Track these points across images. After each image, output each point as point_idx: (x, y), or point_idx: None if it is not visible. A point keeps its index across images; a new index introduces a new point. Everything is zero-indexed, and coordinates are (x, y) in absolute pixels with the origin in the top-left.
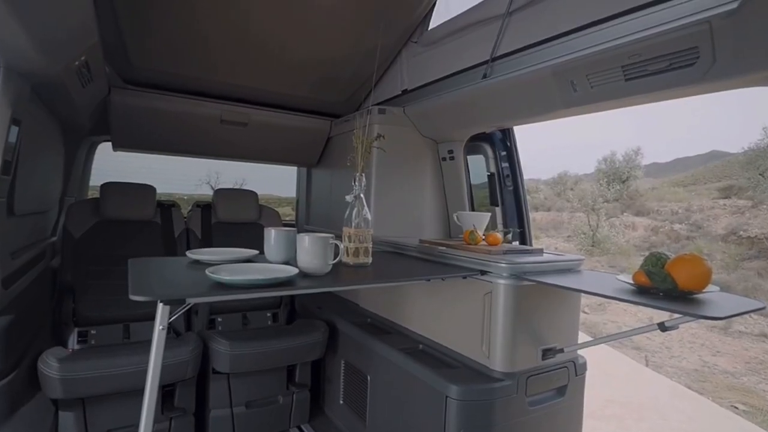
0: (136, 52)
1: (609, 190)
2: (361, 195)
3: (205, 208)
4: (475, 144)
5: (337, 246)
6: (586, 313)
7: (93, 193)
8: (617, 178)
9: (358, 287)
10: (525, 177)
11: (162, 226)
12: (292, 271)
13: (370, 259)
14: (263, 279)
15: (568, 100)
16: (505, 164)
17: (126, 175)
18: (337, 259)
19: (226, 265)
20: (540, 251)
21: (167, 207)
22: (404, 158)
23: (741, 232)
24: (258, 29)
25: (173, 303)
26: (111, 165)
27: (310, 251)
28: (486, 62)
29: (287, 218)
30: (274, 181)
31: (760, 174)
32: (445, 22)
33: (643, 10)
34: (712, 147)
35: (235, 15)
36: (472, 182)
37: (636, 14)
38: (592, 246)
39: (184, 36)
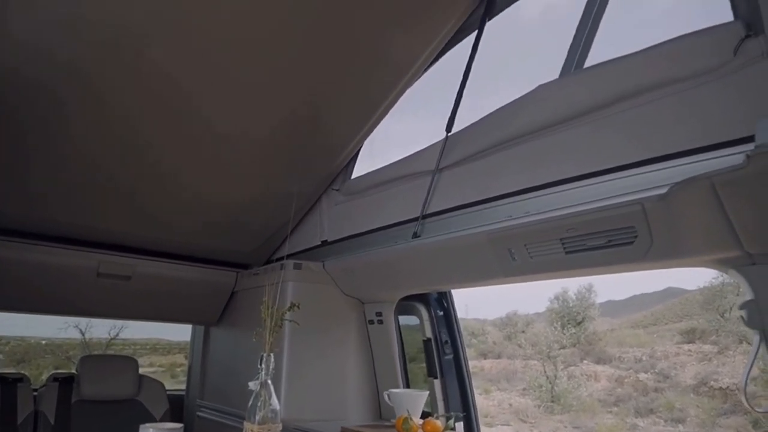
0: None
1: (564, 334)
2: (269, 381)
3: (64, 382)
4: (408, 304)
5: None
6: None
7: None
8: (572, 319)
9: None
10: (469, 317)
11: (1, 410)
12: None
13: None
14: None
15: (507, 268)
16: (444, 329)
17: None
18: None
19: None
20: None
21: (11, 382)
22: (324, 322)
23: (712, 383)
24: (145, 163)
25: None
26: None
27: None
28: (416, 219)
29: (179, 369)
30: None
31: (720, 315)
32: (370, 172)
33: (577, 181)
34: (667, 284)
35: (116, 149)
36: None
37: (570, 185)
38: (552, 402)
39: (52, 175)
